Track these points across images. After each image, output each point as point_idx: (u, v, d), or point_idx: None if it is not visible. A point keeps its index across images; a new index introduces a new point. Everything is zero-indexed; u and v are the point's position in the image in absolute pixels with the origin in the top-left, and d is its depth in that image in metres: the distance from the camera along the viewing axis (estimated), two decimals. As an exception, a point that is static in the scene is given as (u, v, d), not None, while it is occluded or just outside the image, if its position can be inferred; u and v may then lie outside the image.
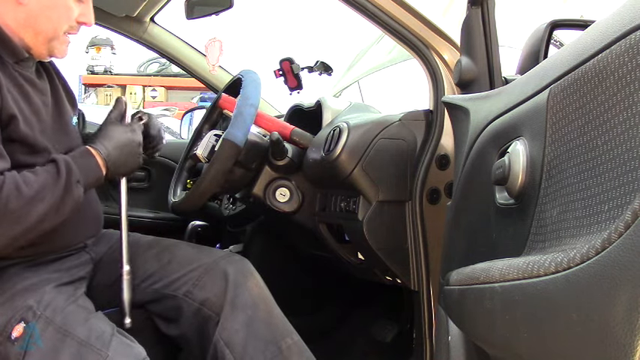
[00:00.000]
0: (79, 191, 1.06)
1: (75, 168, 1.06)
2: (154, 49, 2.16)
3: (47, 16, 1.10)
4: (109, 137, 1.15)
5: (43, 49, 1.13)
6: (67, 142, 1.17)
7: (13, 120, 1.04)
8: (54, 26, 1.12)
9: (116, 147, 1.14)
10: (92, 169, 1.10)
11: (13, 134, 1.05)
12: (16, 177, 1.00)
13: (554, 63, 0.67)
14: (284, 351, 1.18)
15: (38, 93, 1.13)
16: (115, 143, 1.14)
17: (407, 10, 1.29)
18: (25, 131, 1.06)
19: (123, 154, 1.15)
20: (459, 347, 0.92)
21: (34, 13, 1.09)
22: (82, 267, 1.23)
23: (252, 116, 1.35)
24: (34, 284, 1.10)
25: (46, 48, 1.13)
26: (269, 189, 1.47)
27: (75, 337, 1.03)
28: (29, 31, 1.10)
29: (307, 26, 4.13)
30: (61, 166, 1.05)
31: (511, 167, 0.71)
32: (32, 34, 1.11)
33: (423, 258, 1.29)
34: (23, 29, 1.10)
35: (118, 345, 1.04)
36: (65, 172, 1.04)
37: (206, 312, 1.21)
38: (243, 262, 1.28)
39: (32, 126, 1.08)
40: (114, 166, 1.13)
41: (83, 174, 1.07)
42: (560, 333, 0.56)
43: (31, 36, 1.11)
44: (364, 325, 1.84)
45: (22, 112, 1.07)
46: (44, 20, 1.10)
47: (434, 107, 1.33)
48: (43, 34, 1.11)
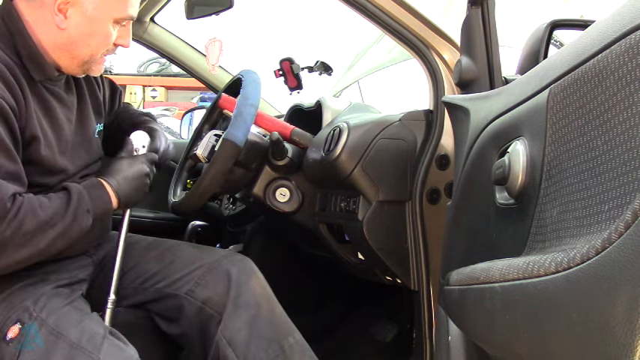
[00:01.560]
0: (87, 220, 1.08)
1: (87, 198, 1.08)
2: (154, 49, 2.16)
3: (85, 43, 1.11)
4: (118, 171, 1.17)
5: (78, 70, 1.16)
6: (86, 158, 1.21)
7: (35, 141, 1.06)
8: (91, 52, 1.13)
9: (126, 179, 1.16)
10: (103, 201, 1.12)
11: (33, 156, 1.07)
12: (33, 200, 1.02)
13: (554, 63, 0.67)
14: (286, 350, 1.18)
15: (64, 108, 1.16)
16: (125, 176, 1.17)
17: (407, 10, 1.29)
18: (45, 153, 1.09)
19: (132, 187, 1.17)
20: (459, 347, 0.92)
21: (73, 39, 1.10)
22: (82, 269, 1.23)
23: (252, 116, 1.35)
24: (32, 285, 1.10)
25: (81, 69, 1.16)
26: (269, 189, 1.47)
27: (67, 339, 1.03)
28: (65, 55, 1.12)
29: (307, 26, 4.13)
30: (74, 194, 1.07)
31: (511, 167, 0.71)
32: (68, 58, 1.12)
33: (423, 258, 1.29)
34: (60, 52, 1.11)
35: (109, 347, 1.03)
36: (76, 200, 1.06)
37: (208, 311, 1.21)
38: (245, 262, 1.29)
39: (52, 148, 1.11)
40: (124, 197, 1.15)
41: (93, 204, 1.09)
42: (560, 333, 0.56)
43: (66, 59, 1.12)
44: (364, 324, 1.84)
45: (45, 133, 1.09)
46: (82, 46, 1.11)
47: (434, 107, 1.33)
48: (79, 59, 1.13)
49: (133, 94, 4.98)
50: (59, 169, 1.13)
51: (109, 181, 1.14)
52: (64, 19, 1.07)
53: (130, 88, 5.00)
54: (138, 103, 4.92)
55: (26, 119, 1.04)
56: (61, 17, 1.07)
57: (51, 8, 1.06)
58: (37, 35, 1.08)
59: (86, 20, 1.08)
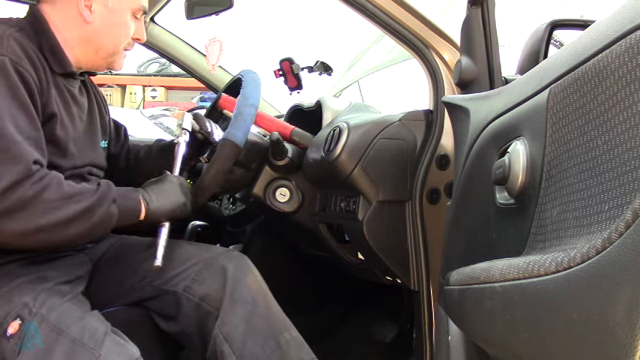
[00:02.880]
0: (112, 209, 1.09)
1: (115, 190, 1.12)
2: (154, 49, 2.16)
3: (110, 34, 1.21)
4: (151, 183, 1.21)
5: (102, 63, 1.25)
6: (92, 157, 1.25)
7: (53, 119, 1.11)
8: (115, 43, 1.22)
9: (157, 191, 1.18)
10: (131, 199, 1.14)
11: (49, 133, 1.11)
12: (60, 176, 1.06)
13: (554, 63, 0.67)
14: (282, 346, 1.18)
15: (77, 107, 1.22)
16: (157, 188, 1.19)
17: (407, 10, 1.29)
18: (60, 134, 1.13)
19: (163, 200, 1.18)
20: (459, 347, 0.92)
21: (98, 31, 1.20)
22: (80, 266, 1.23)
23: (252, 116, 1.35)
24: (32, 281, 1.10)
25: (105, 62, 1.24)
26: (269, 189, 1.47)
27: (68, 335, 1.03)
28: (90, 48, 1.21)
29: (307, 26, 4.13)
30: (103, 184, 1.11)
31: (511, 167, 0.71)
32: (93, 51, 1.21)
33: (423, 258, 1.29)
34: (85, 45, 1.20)
35: (110, 344, 1.04)
36: (104, 188, 1.10)
37: (206, 307, 1.21)
38: (241, 258, 1.29)
39: (66, 131, 1.16)
40: (153, 208, 1.16)
41: (121, 198, 1.12)
42: (561, 333, 0.56)
43: (92, 52, 1.21)
44: (364, 325, 1.84)
45: (62, 115, 1.14)
46: (107, 38, 1.21)
47: (434, 107, 1.33)
48: (104, 50, 1.22)
49: (133, 94, 4.98)
50: (70, 154, 1.17)
51: (139, 190, 1.18)
52: (90, 13, 1.18)
53: (130, 88, 5.00)
54: (138, 103, 4.92)
55: (47, 97, 1.11)
56: (88, 12, 1.18)
57: (76, 5, 1.17)
58: (61, 34, 1.18)
59: (108, 12, 1.20)
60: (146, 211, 1.15)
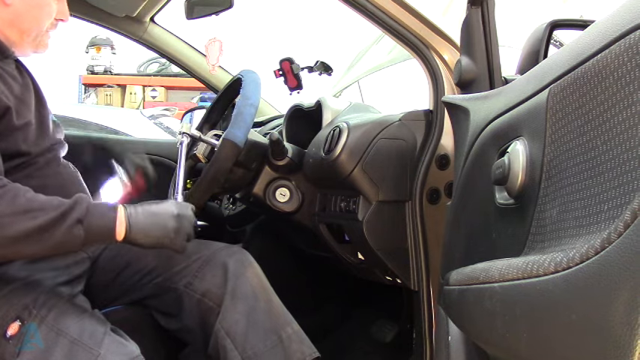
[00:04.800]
0: (76, 231, 0.98)
1: (85, 208, 1.00)
2: (153, 49, 2.16)
3: (32, 16, 1.16)
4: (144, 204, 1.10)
5: (29, 47, 1.19)
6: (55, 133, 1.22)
7: (7, 112, 1.06)
8: (38, 24, 1.17)
9: (146, 212, 1.07)
10: (106, 218, 1.02)
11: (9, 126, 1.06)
12: (19, 188, 0.98)
13: (554, 63, 0.67)
14: (284, 340, 1.18)
15: (20, 87, 1.16)
16: (147, 209, 1.08)
17: (407, 10, 1.29)
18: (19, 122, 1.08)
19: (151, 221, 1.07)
20: (458, 347, 0.92)
21: (19, 12, 1.15)
22: (79, 265, 1.23)
23: (252, 116, 1.35)
24: (31, 282, 1.10)
25: (31, 45, 1.18)
26: (269, 189, 1.47)
27: (67, 335, 1.03)
28: (14, 30, 1.15)
29: (307, 26, 4.13)
30: (71, 200, 1.01)
31: (511, 167, 0.71)
32: (18, 33, 1.16)
33: (423, 258, 1.29)
34: (9, 28, 1.15)
35: (110, 343, 1.04)
36: (70, 205, 0.99)
37: (207, 303, 1.21)
38: (242, 253, 1.29)
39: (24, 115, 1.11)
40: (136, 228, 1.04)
41: (92, 217, 1.00)
42: (560, 333, 0.56)
43: (16, 35, 1.16)
44: (364, 324, 1.84)
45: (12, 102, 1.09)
46: (29, 19, 1.16)
47: (434, 107, 1.33)
48: (27, 32, 1.17)
49: (133, 94, 4.98)
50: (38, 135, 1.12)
51: (126, 206, 1.06)
52: None
53: (129, 88, 5.00)
54: (138, 103, 4.92)
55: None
56: None
57: None
58: None
59: None
60: (126, 233, 1.03)
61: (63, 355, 1.01)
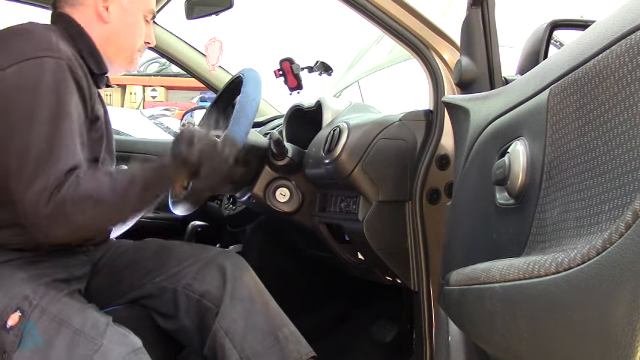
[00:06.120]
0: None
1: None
2: (154, 49, 2.16)
3: (127, 34, 1.26)
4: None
5: (124, 63, 1.28)
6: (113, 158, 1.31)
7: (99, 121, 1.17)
8: (132, 43, 1.27)
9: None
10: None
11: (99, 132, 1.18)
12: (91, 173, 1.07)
13: (555, 63, 0.67)
14: (281, 341, 1.20)
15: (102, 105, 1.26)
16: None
17: (407, 10, 1.29)
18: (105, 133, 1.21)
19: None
20: (458, 347, 0.92)
21: (116, 30, 1.24)
22: (79, 267, 1.23)
23: (253, 114, 1.35)
24: (32, 276, 1.11)
25: (125, 62, 1.28)
26: (269, 189, 1.47)
27: (70, 325, 1.03)
28: (112, 47, 1.24)
29: (307, 26, 4.13)
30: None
31: (511, 167, 0.71)
32: (114, 50, 1.24)
33: (423, 258, 1.29)
34: (106, 45, 1.23)
35: (112, 334, 1.04)
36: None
37: (206, 303, 1.23)
38: (238, 258, 1.32)
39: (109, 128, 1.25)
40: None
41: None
42: (561, 333, 0.56)
43: (113, 51, 1.24)
44: (364, 325, 1.84)
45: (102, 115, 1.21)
46: (125, 36, 1.25)
47: (434, 107, 1.33)
48: (124, 49, 1.26)
49: (133, 94, 4.98)
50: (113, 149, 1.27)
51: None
52: (108, 13, 1.22)
53: (129, 88, 5.00)
54: (138, 103, 4.93)
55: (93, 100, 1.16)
56: (105, 12, 1.22)
57: (94, 6, 1.21)
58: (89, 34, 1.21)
59: (124, 12, 1.24)
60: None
61: (65, 345, 1.02)
